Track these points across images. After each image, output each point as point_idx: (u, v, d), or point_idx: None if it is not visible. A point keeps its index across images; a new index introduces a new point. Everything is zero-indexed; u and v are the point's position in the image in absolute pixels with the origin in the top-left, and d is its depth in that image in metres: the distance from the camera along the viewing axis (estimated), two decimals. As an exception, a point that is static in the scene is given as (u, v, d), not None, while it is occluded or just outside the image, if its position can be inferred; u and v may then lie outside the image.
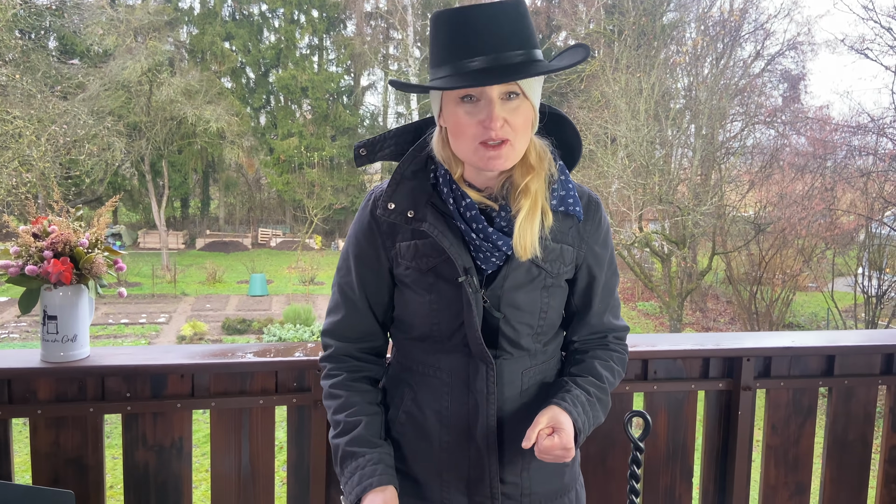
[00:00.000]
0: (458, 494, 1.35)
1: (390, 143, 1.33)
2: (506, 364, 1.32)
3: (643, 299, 19.45)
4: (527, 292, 1.30)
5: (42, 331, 1.73)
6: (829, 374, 2.16)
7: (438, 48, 1.18)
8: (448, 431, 1.34)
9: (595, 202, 1.36)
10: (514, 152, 1.20)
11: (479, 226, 1.25)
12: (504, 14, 1.14)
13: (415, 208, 1.27)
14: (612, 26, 23.48)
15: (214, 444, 1.87)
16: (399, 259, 1.31)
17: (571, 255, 1.34)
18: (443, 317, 1.30)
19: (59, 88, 17.16)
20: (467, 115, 1.17)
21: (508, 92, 1.17)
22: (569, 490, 1.44)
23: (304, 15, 29.35)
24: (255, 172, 31.19)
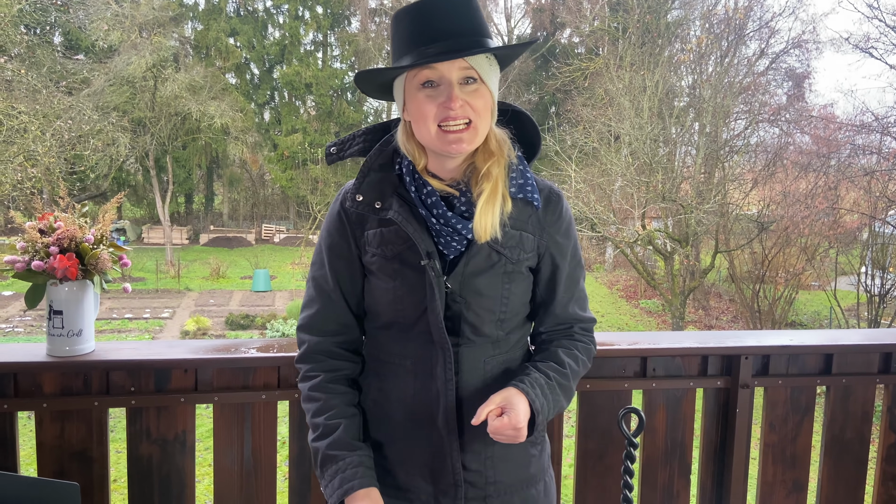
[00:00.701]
0: (422, 482, 1.37)
1: (359, 140, 1.39)
2: (468, 351, 1.35)
3: (646, 297, 19.45)
4: (487, 278, 1.32)
5: (48, 325, 1.75)
6: (827, 373, 2.18)
7: (399, 41, 1.26)
8: (412, 419, 1.36)
9: (556, 194, 1.41)
10: (475, 135, 1.26)
11: (439, 211, 1.30)
12: (457, 6, 1.23)
13: (381, 199, 1.32)
14: (616, 24, 23.42)
15: (217, 439, 1.89)
16: (367, 247, 1.36)
17: (532, 242, 1.37)
18: (406, 303, 1.33)
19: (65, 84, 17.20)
20: (428, 99, 1.24)
21: (466, 77, 1.23)
22: (536, 481, 1.44)
23: (308, 11, 29.34)
24: (259, 168, 31.22)
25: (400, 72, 1.26)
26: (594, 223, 16.09)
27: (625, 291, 20.73)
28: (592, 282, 21.97)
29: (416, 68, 1.23)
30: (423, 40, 1.22)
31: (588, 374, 2.03)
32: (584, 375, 2.01)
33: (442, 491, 1.36)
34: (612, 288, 21.23)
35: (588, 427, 2.06)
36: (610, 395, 2.05)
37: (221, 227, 30.42)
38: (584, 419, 2.06)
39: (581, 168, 17.13)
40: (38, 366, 1.75)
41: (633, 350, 2.04)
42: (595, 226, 16.20)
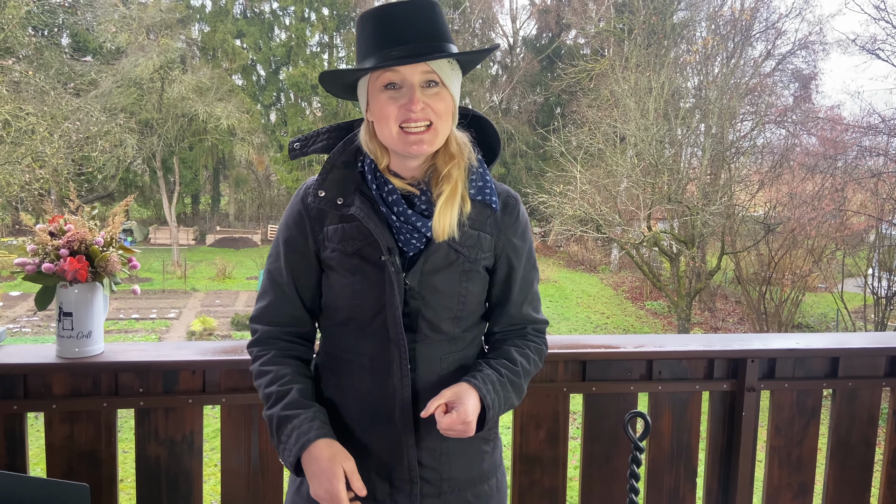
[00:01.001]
0: (379, 480, 1.38)
1: (323, 137, 1.42)
2: (424, 348, 1.36)
3: (651, 298, 19.41)
4: (446, 275, 1.35)
5: (57, 327, 1.76)
6: (833, 376, 2.18)
7: (363, 42, 1.29)
8: (368, 416, 1.38)
9: (514, 198, 1.44)
10: (436, 137, 1.29)
11: (399, 209, 1.32)
12: (420, 11, 1.26)
13: (343, 195, 1.35)
14: (622, 25, 23.40)
15: (225, 440, 1.90)
16: (326, 242, 1.37)
17: (489, 243, 1.39)
18: (365, 298, 1.34)
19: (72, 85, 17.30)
20: (391, 101, 1.26)
21: (428, 80, 1.27)
22: (489, 477, 1.46)
23: (314, 13, 29.40)
24: (265, 169, 31.29)
25: (363, 73, 1.29)
26: (599, 224, 16.08)
27: (630, 293, 20.69)
28: (597, 283, 21.95)
29: (379, 70, 1.26)
30: (387, 43, 1.25)
31: (594, 376, 2.04)
32: (589, 378, 2.03)
33: (397, 488, 1.38)
34: (617, 289, 21.19)
35: (594, 430, 2.06)
36: (616, 397, 2.05)
37: (227, 228, 30.49)
38: (590, 422, 2.06)
39: (586, 169, 17.13)
40: (48, 367, 1.77)
41: (639, 353, 2.04)
42: (600, 227, 16.19)
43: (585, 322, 17.06)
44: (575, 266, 24.40)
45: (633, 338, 2.20)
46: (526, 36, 30.67)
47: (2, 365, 1.76)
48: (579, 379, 2.04)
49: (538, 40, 30.12)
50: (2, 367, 1.76)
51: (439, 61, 1.27)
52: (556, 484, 2.06)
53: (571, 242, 23.80)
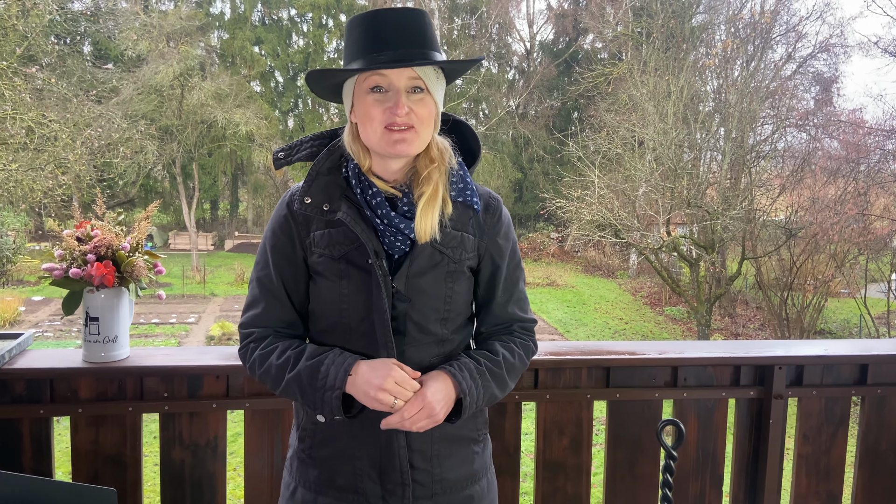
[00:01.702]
0: (371, 483, 1.38)
1: (307, 146, 1.43)
2: (413, 351, 1.37)
3: (670, 304, 19.26)
4: (431, 277, 1.36)
5: (84, 332, 1.78)
6: (861, 383, 2.14)
7: (352, 45, 1.32)
8: (359, 420, 1.37)
9: (495, 199, 1.47)
10: (418, 139, 1.31)
11: (383, 211, 1.34)
12: (409, 19, 1.30)
13: (329, 202, 1.36)
14: (640, 29, 23.30)
15: (248, 444, 1.91)
16: (313, 248, 1.38)
17: (472, 243, 1.41)
18: (352, 303, 1.35)
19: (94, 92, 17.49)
20: (376, 103, 1.29)
21: (414, 86, 1.30)
22: (479, 478, 1.47)
23: (332, 19, 29.58)
24: (283, 175, 31.45)
25: (351, 74, 1.31)
26: (618, 229, 15.99)
27: (649, 298, 20.54)
28: (616, 288, 21.82)
29: (366, 73, 1.29)
30: (375, 46, 1.28)
31: (617, 383, 2.02)
32: (613, 384, 2.01)
33: (390, 491, 1.38)
34: (636, 295, 21.05)
35: (618, 437, 2.04)
36: (640, 404, 2.03)
37: (246, 234, 30.70)
38: (614, 429, 2.04)
39: (604, 174, 17.05)
40: (74, 371, 1.78)
41: (664, 359, 2.02)
42: (619, 232, 16.10)
43: (604, 328, 16.95)
44: (593, 271, 24.27)
45: (657, 344, 2.18)
46: (543, 41, 30.64)
47: (29, 369, 1.78)
48: (603, 385, 2.03)
49: (555, 45, 30.08)
50: (29, 372, 1.77)
51: (425, 69, 1.30)
52: (580, 491, 2.04)
53: (589, 247, 23.70)
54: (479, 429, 1.48)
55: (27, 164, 12.63)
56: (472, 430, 1.46)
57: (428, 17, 1.33)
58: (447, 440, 1.40)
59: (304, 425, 1.44)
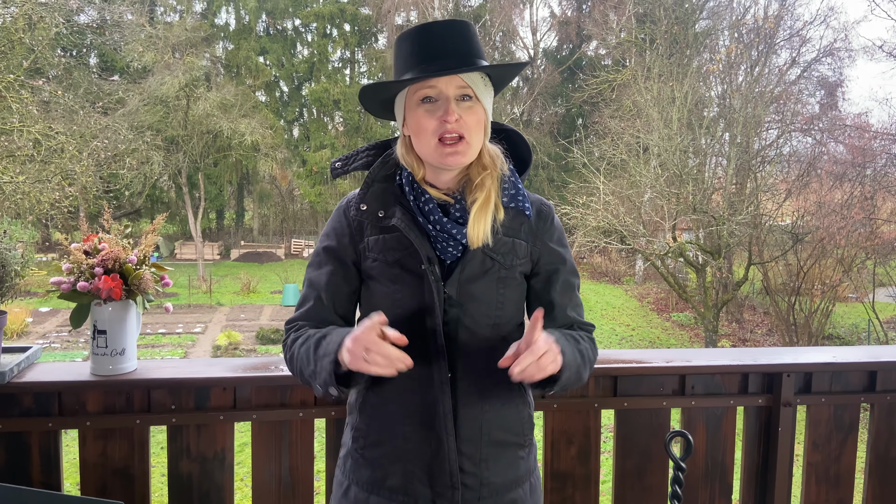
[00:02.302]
0: (421, 485, 1.40)
1: (362, 156, 1.48)
2: (464, 356, 1.39)
3: (677, 310, 19.20)
4: (482, 283, 1.38)
5: (91, 345, 1.78)
6: (871, 390, 2.13)
7: (401, 60, 1.36)
8: (410, 423, 1.40)
9: (547, 206, 1.49)
10: (469, 149, 1.34)
11: (436, 217, 1.37)
12: (456, 30, 1.34)
13: (384, 208, 1.40)
14: (643, 35, 23.34)
15: (255, 456, 1.91)
16: (367, 252, 1.41)
17: (525, 249, 1.43)
18: (405, 307, 1.37)
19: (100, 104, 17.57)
20: (427, 114, 1.33)
21: (463, 94, 1.33)
22: (523, 482, 1.48)
23: (336, 29, 29.73)
24: (289, 184, 31.61)
25: (402, 86, 1.35)
26: (623, 235, 15.96)
27: (655, 304, 20.48)
28: (622, 294, 21.77)
29: (417, 83, 1.32)
30: (424, 58, 1.32)
31: (625, 392, 2.02)
32: (620, 393, 2.01)
33: (439, 493, 1.39)
34: (642, 301, 20.99)
35: (626, 446, 2.03)
36: (648, 413, 2.02)
37: (252, 243, 30.79)
38: (622, 438, 2.03)
39: (609, 180, 17.04)
40: (82, 384, 1.79)
41: (672, 368, 2.01)
42: (624, 238, 16.07)
43: (611, 334, 16.91)
44: (599, 277, 24.23)
45: (662, 352, 2.17)
46: (547, 48, 30.71)
47: (37, 383, 1.78)
48: (610, 394, 2.02)
49: (559, 52, 30.15)
50: (37, 385, 1.78)
51: (473, 77, 1.33)
52: (589, 501, 2.03)
53: (595, 254, 23.66)
54: (526, 434, 1.49)
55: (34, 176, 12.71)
56: (518, 436, 1.46)
57: (473, 27, 1.37)
58: (495, 444, 1.42)
59: (357, 426, 1.46)
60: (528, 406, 1.50)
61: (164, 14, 26.91)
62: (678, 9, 21.98)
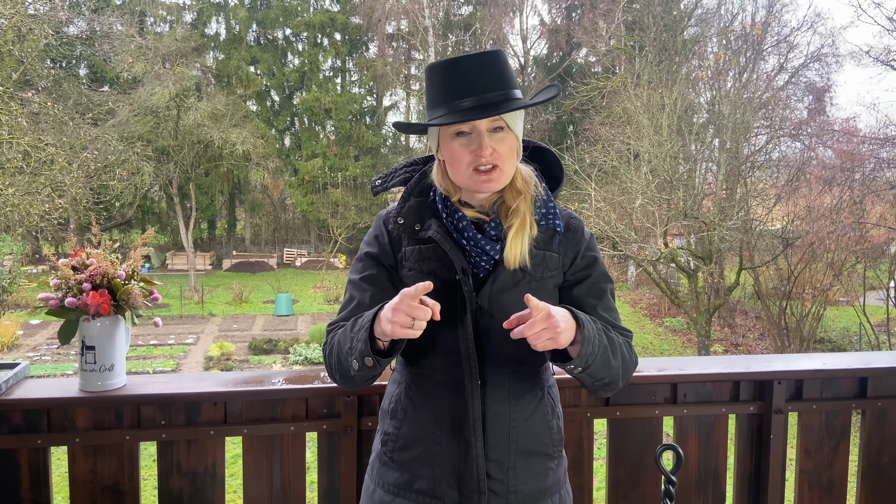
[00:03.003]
0: (448, 489, 1.43)
1: (401, 173, 1.55)
2: (494, 366, 1.44)
3: (670, 315, 19.24)
4: (513, 294, 1.42)
5: (80, 361, 1.77)
6: (862, 396, 2.14)
7: (433, 93, 1.40)
8: (441, 427, 1.44)
9: (576, 220, 1.54)
10: (503, 176, 1.40)
11: (470, 234, 1.43)
12: (487, 62, 1.37)
13: (420, 222, 1.47)
14: (632, 42, 23.47)
15: (246, 471, 1.89)
16: (404, 262, 1.48)
17: (556, 261, 1.48)
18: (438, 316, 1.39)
19: (90, 115, 17.52)
20: (462, 147, 1.38)
21: (495, 126, 1.37)
22: (552, 493, 1.50)
23: (327, 38, 29.77)
24: (280, 193, 31.54)
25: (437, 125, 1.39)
26: (615, 242, 16.00)
27: (648, 310, 20.52)
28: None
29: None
30: (456, 94, 1.36)
31: (618, 400, 2.02)
32: (613, 402, 2.01)
33: (466, 497, 1.42)
34: (635, 306, 21.03)
35: (619, 455, 2.03)
36: (641, 422, 2.02)
37: (244, 252, 30.70)
38: (615, 448, 2.03)
39: (601, 186, 17.08)
40: (71, 401, 1.77)
41: (663, 376, 2.01)
42: (616, 244, 16.11)
43: (603, 340, 16.88)
44: (591, 284, 24.21)
45: (655, 361, 2.17)
46: (537, 55, 30.83)
47: (25, 400, 1.77)
48: (603, 403, 2.02)
49: (549, 59, 30.27)
50: (26, 402, 1.77)
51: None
52: (582, 511, 2.02)
53: (587, 260, 23.64)
54: (555, 445, 1.51)
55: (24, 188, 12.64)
56: (547, 446, 1.49)
57: (503, 56, 1.41)
58: (523, 453, 1.45)
59: (387, 430, 1.51)
60: (557, 418, 1.53)
61: (154, 24, 26.89)
62: (667, 16, 22.12)
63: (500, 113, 1.33)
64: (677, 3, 23.45)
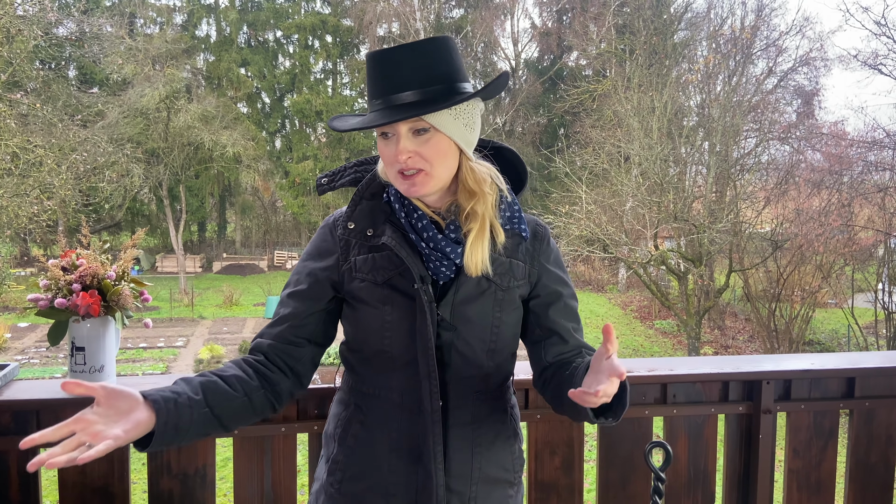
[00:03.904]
0: None
1: (350, 171, 1.41)
2: (457, 383, 1.32)
3: (660, 317, 19.31)
4: (478, 305, 1.31)
5: (70, 362, 1.76)
6: (849, 397, 2.15)
7: (368, 84, 1.29)
8: (397, 454, 1.32)
9: (542, 227, 1.43)
10: (430, 180, 1.25)
11: (429, 234, 1.29)
12: (411, 55, 1.22)
13: (373, 226, 1.33)
14: (623, 46, 23.59)
15: (237, 472, 1.89)
16: (354, 273, 1.33)
17: (523, 270, 1.36)
18: (395, 330, 1.30)
19: (80, 117, 17.46)
20: (385, 148, 1.26)
21: (417, 128, 1.23)
22: None
23: (318, 40, 29.75)
24: (271, 195, 31.47)
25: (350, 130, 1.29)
26: (606, 244, 16.06)
27: (639, 312, 20.60)
28: (605, 303, 21.87)
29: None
30: (372, 93, 1.25)
31: (608, 401, 2.02)
32: (603, 403, 2.01)
33: None
34: (625, 309, 21.11)
35: (609, 456, 2.04)
36: (631, 422, 2.03)
37: (234, 255, 30.60)
38: (606, 448, 2.04)
39: (591, 189, 17.15)
40: (61, 402, 1.76)
41: (653, 377, 2.02)
42: (607, 247, 16.17)
43: (595, 342, 16.90)
44: (583, 286, 24.34)
45: (646, 361, 2.18)
46: (528, 58, 30.92)
47: (15, 401, 1.75)
48: (593, 404, 2.02)
49: (540, 62, 30.36)
50: (15, 404, 1.75)
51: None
52: (573, 511, 2.03)
53: (578, 262, 23.76)
54: (516, 471, 1.42)
55: (12, 190, 12.58)
56: (509, 472, 1.40)
57: (443, 44, 1.25)
58: (486, 481, 1.35)
59: (335, 457, 1.38)
60: (518, 441, 1.44)
61: (144, 26, 26.80)
62: (657, 20, 22.24)
63: (402, 119, 1.19)
64: (667, 7, 23.60)
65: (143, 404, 1.12)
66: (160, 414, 1.14)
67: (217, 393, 1.24)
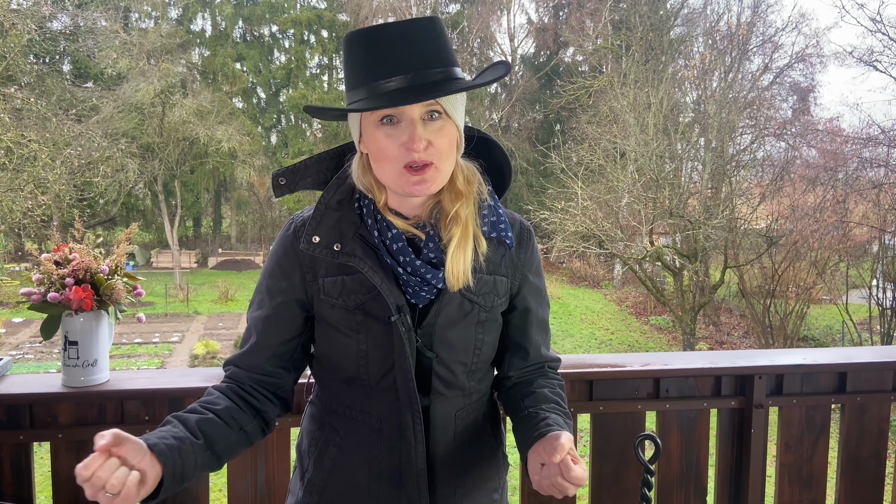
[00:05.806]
0: None
1: (311, 170, 1.26)
2: (439, 407, 1.24)
3: (655, 313, 19.36)
4: (460, 329, 1.22)
5: (63, 356, 1.76)
6: (841, 391, 2.16)
7: (353, 69, 1.12)
8: (378, 480, 1.24)
9: (527, 230, 1.31)
10: (439, 175, 1.12)
11: (406, 259, 1.16)
12: (421, 31, 1.08)
13: (341, 241, 1.18)
14: (619, 42, 23.58)
15: (231, 466, 1.89)
16: (322, 296, 1.21)
17: (505, 285, 1.26)
18: (372, 358, 1.20)
19: (74, 111, 17.40)
20: (388, 138, 1.10)
21: (430, 111, 1.10)
22: None
23: (313, 35, 29.68)
24: (267, 191, 31.41)
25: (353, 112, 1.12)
26: (602, 240, 16.08)
27: (634, 308, 20.64)
28: (601, 299, 21.91)
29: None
30: (381, 72, 1.07)
31: (601, 396, 2.03)
32: (596, 397, 2.02)
33: None
34: (621, 305, 21.15)
35: (602, 450, 2.04)
36: (623, 416, 2.04)
37: (230, 250, 30.55)
38: (598, 442, 2.04)
39: (587, 185, 17.17)
40: (54, 396, 1.76)
41: (646, 371, 2.03)
42: (603, 243, 16.19)
43: (590, 338, 17.01)
44: (578, 282, 24.38)
45: (639, 356, 2.19)
46: (524, 54, 30.91)
47: (7, 395, 1.75)
48: (586, 399, 2.03)
49: (536, 58, 30.36)
50: (8, 398, 1.75)
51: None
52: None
53: (574, 258, 23.80)
54: (501, 476, 1.38)
55: (6, 184, 12.54)
56: (493, 480, 1.35)
57: (440, 24, 1.11)
58: (472, 489, 1.29)
59: (311, 479, 1.29)
60: (502, 445, 1.40)
61: (138, 20, 26.71)
62: (653, 16, 22.24)
63: (440, 96, 1.06)
64: (664, 3, 23.59)
65: (149, 454, 1.08)
66: (167, 466, 1.08)
67: (216, 432, 1.17)
